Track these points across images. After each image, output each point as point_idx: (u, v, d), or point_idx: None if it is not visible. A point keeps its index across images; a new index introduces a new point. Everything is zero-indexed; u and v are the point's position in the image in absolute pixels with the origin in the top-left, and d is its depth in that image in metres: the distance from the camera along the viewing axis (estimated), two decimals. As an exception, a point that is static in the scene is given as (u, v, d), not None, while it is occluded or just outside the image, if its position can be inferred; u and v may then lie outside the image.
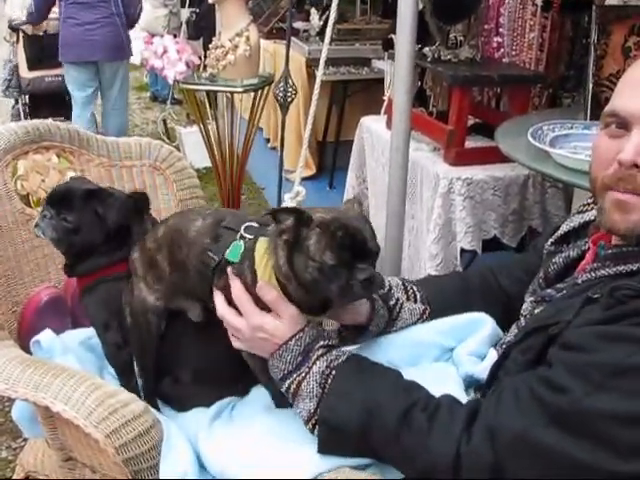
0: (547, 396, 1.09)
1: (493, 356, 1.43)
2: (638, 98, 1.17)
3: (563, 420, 1.06)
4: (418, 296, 1.56)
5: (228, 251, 1.38)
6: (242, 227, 1.39)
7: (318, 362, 1.30)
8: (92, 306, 1.62)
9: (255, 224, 1.40)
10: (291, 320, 1.33)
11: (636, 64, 1.23)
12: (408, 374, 1.32)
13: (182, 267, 1.46)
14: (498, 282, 1.61)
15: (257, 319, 1.34)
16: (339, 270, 1.24)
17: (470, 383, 1.45)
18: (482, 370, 1.41)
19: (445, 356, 1.51)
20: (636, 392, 1.02)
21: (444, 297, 1.59)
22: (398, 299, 1.53)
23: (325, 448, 1.26)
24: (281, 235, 1.29)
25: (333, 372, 1.28)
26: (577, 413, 1.05)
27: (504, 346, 1.38)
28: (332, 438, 1.25)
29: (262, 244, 1.35)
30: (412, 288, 1.58)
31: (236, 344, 1.40)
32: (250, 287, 1.34)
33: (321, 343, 1.32)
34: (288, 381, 1.31)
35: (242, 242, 1.37)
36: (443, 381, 1.38)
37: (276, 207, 1.42)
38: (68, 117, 5.71)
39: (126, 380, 1.61)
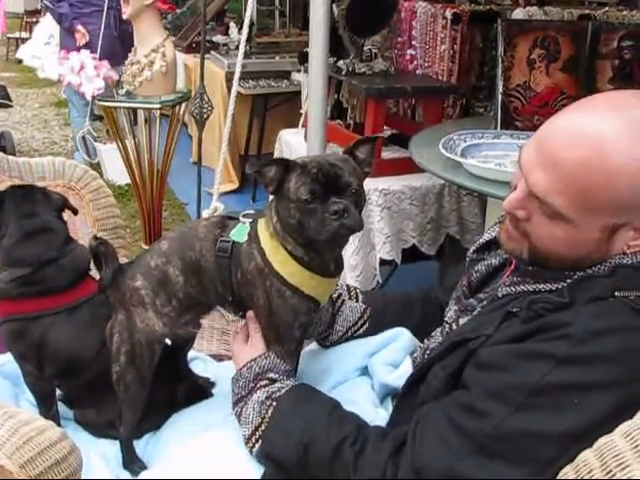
0: (469, 424, 1.10)
1: (408, 364, 1.47)
2: (529, 150, 1.17)
3: (487, 445, 1.08)
4: (360, 297, 1.64)
5: (234, 231, 1.41)
6: (240, 215, 1.44)
7: (259, 391, 1.36)
8: (9, 336, 1.57)
9: (253, 212, 1.45)
10: (253, 348, 1.43)
11: (550, 120, 1.19)
12: None
13: (197, 269, 1.43)
14: (436, 295, 1.66)
15: (234, 345, 1.49)
16: (313, 205, 1.28)
17: (387, 392, 1.49)
18: (396, 378, 1.44)
19: (363, 372, 1.54)
20: (556, 408, 1.05)
21: (386, 307, 1.64)
22: (341, 294, 1.62)
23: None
24: (267, 188, 1.35)
25: (274, 404, 1.32)
26: (501, 436, 1.07)
27: (427, 352, 1.41)
28: (275, 470, 1.29)
29: (261, 222, 1.40)
30: (354, 290, 1.67)
31: None
32: (262, 269, 1.37)
33: (269, 375, 1.38)
34: (238, 405, 1.38)
35: (248, 223, 1.42)
36: (355, 401, 1.42)
37: (259, 161, 1.43)
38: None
39: (46, 409, 1.58)
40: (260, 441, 1.31)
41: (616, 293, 1.10)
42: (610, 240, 1.13)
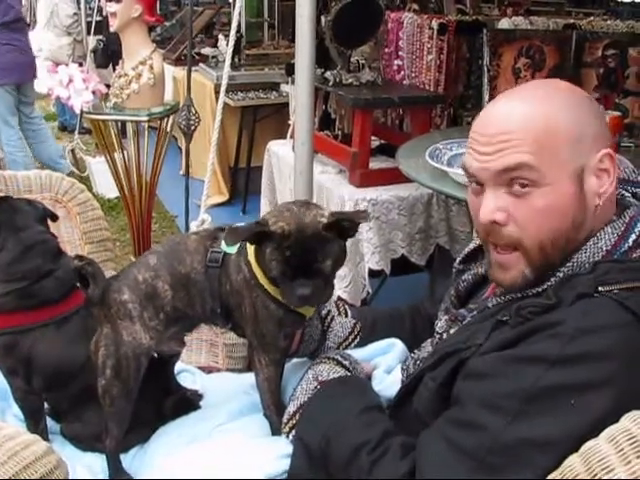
0: (467, 441, 1.08)
1: (397, 373, 1.47)
2: (479, 157, 1.18)
3: (490, 460, 1.05)
4: (349, 312, 1.65)
5: (225, 242, 1.42)
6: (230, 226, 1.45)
7: (310, 370, 1.43)
8: None
9: (244, 224, 1.45)
10: None
11: (478, 117, 1.23)
12: None
13: (187, 281, 1.44)
14: (425, 309, 1.66)
15: None
16: (283, 281, 1.33)
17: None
18: (386, 387, 1.44)
19: None
20: (554, 411, 1.03)
21: (375, 321, 1.65)
22: (330, 311, 1.62)
23: (296, 462, 1.32)
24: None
25: (318, 387, 1.37)
26: (502, 448, 1.05)
27: (418, 363, 1.40)
28: (303, 455, 1.30)
29: None
30: (343, 306, 1.67)
31: None
32: (249, 281, 1.39)
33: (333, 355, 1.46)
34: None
35: None
36: None
37: (234, 228, 1.43)
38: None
39: (35, 424, 1.57)
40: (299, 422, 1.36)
41: (600, 288, 1.09)
42: (583, 192, 1.16)
